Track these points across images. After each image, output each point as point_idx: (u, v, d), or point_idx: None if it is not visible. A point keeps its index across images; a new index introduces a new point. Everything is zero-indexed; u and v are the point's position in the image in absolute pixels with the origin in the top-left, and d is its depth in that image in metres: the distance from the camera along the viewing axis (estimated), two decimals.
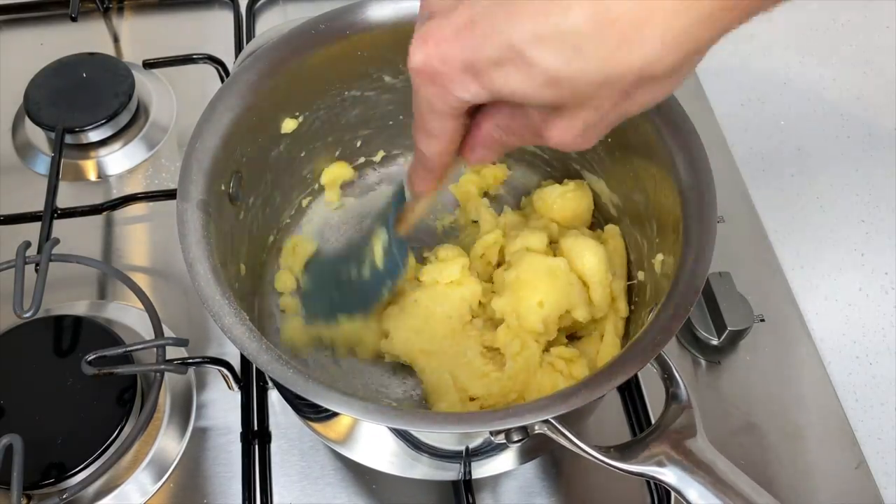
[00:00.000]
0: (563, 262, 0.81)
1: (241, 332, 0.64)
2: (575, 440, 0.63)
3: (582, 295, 0.81)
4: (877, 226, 1.07)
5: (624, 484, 0.87)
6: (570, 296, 0.80)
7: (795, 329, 0.98)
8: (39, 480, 0.81)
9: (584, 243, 0.82)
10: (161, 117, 1.17)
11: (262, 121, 0.82)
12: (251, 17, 1.28)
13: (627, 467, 0.63)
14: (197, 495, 0.85)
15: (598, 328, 0.84)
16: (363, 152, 0.98)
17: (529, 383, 0.79)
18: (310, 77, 0.84)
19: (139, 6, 1.32)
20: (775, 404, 0.92)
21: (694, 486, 0.62)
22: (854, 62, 1.25)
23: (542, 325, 0.79)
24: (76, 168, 1.12)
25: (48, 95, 1.12)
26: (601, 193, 0.90)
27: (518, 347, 0.79)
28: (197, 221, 0.70)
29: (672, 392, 0.68)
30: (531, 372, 0.79)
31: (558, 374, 0.79)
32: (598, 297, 0.81)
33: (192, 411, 0.91)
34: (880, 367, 0.96)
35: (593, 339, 0.84)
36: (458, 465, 0.77)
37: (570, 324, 0.83)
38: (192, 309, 0.98)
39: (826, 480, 0.88)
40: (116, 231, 1.06)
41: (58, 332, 0.90)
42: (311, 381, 0.62)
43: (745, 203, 1.08)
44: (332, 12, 0.82)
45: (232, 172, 0.79)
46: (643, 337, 0.65)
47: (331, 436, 0.80)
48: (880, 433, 0.91)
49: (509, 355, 0.79)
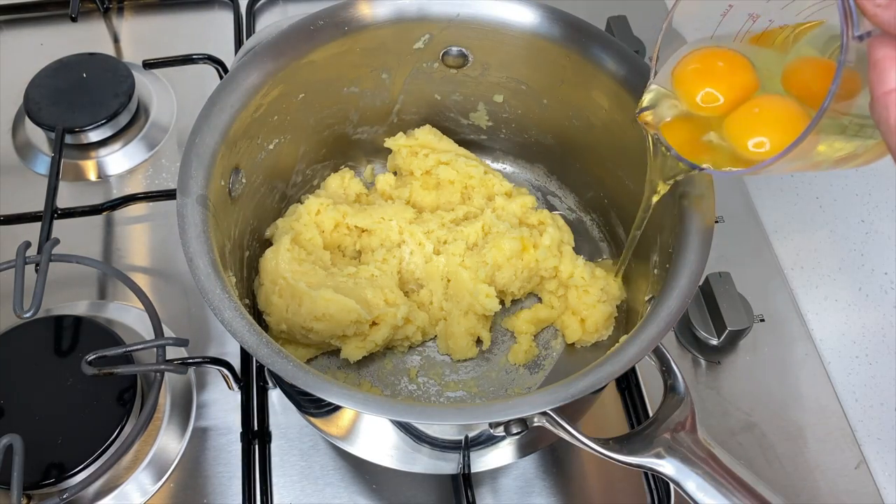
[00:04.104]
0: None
1: (241, 326, 0.64)
2: (574, 432, 0.63)
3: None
4: (877, 226, 1.07)
5: (623, 481, 0.87)
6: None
7: (795, 329, 0.98)
8: (39, 480, 0.80)
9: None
10: (161, 117, 1.17)
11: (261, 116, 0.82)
12: (251, 17, 1.28)
13: (626, 459, 0.64)
14: (197, 495, 0.85)
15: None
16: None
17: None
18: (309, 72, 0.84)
19: (139, 6, 1.32)
20: (775, 404, 0.92)
21: (692, 478, 0.62)
22: None
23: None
24: (76, 168, 1.12)
25: (48, 95, 1.12)
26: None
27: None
28: (197, 216, 0.70)
29: (670, 385, 0.69)
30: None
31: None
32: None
33: (192, 411, 0.90)
34: (880, 367, 0.96)
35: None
36: (458, 457, 0.77)
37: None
38: (192, 309, 0.98)
39: (826, 480, 0.88)
40: (116, 231, 1.06)
41: (58, 332, 0.90)
42: (311, 375, 0.62)
43: (745, 203, 1.08)
44: (330, 8, 0.83)
45: (231, 167, 0.79)
46: (641, 329, 0.65)
47: (331, 431, 0.80)
48: (880, 433, 0.91)
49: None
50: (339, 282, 0.85)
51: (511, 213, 0.93)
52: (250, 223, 0.87)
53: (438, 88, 0.94)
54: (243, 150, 0.81)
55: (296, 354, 0.85)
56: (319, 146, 0.95)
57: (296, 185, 0.95)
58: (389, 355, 0.90)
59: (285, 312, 0.83)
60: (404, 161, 0.97)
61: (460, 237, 0.90)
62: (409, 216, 0.91)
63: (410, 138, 0.96)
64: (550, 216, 0.94)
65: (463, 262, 0.89)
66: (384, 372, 0.89)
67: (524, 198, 0.95)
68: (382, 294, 0.85)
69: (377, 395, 0.78)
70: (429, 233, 0.90)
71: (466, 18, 0.85)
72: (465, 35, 0.87)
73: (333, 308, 0.81)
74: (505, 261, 0.88)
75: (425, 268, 0.89)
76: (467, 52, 0.89)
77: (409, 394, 0.88)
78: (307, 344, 0.87)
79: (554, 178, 1.01)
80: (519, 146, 1.01)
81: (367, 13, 0.84)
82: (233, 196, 0.80)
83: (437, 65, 0.91)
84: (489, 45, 0.87)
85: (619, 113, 0.83)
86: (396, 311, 0.85)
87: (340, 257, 0.92)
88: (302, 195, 0.97)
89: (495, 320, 0.92)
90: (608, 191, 0.93)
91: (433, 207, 0.96)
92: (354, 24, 0.83)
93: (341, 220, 0.91)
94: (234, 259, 0.81)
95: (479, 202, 0.95)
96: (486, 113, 0.97)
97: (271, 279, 0.84)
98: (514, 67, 0.90)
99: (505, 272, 0.88)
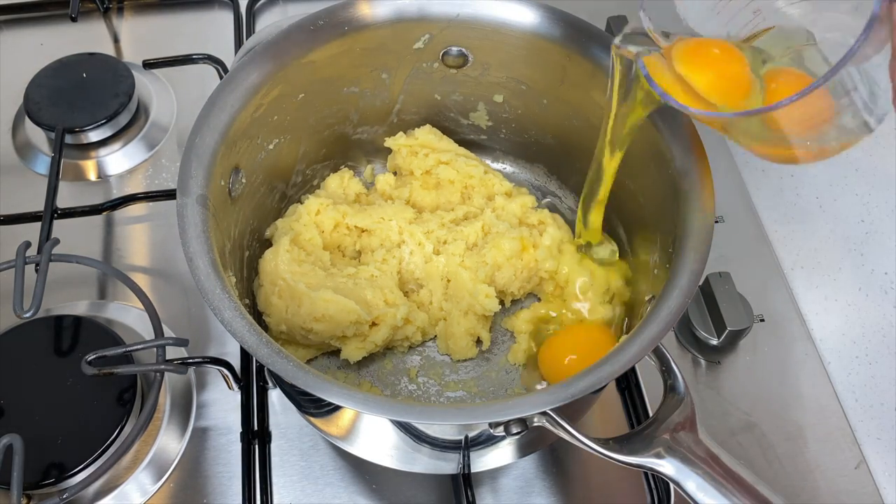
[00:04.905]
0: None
1: (241, 326, 0.64)
2: (573, 432, 0.63)
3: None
4: (877, 226, 1.06)
5: (623, 480, 0.87)
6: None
7: (795, 329, 0.98)
8: (39, 480, 0.80)
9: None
10: (161, 117, 1.17)
11: (261, 116, 0.82)
12: (251, 17, 1.28)
13: (626, 459, 0.64)
14: (197, 495, 0.85)
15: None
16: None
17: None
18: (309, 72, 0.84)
19: (139, 6, 1.32)
20: (775, 404, 0.92)
21: (692, 478, 0.62)
22: None
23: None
24: (76, 168, 1.12)
25: (48, 95, 1.12)
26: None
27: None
28: (196, 216, 0.70)
29: (670, 385, 0.69)
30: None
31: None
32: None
33: (192, 411, 0.90)
34: (880, 367, 0.96)
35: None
36: (458, 457, 0.77)
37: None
38: (192, 309, 0.98)
39: (826, 480, 0.88)
40: (116, 231, 1.06)
41: (58, 332, 0.90)
42: (311, 375, 0.62)
43: (745, 203, 1.08)
44: (330, 8, 0.83)
45: (231, 167, 0.79)
46: (641, 329, 0.65)
47: (331, 431, 0.80)
48: (880, 433, 0.91)
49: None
50: (338, 282, 0.85)
51: (511, 213, 0.93)
52: (250, 223, 0.87)
53: (438, 88, 0.94)
54: (243, 150, 0.81)
55: (296, 355, 0.85)
56: (319, 146, 0.95)
57: (296, 185, 0.95)
58: (389, 355, 0.90)
59: (285, 313, 0.83)
60: (404, 161, 0.97)
61: (460, 237, 0.90)
62: (408, 216, 0.91)
63: (410, 138, 0.96)
64: (550, 216, 0.94)
65: (463, 262, 0.89)
66: (384, 372, 0.89)
67: (524, 198, 0.95)
68: (382, 294, 0.85)
69: (377, 395, 0.78)
70: (429, 233, 0.90)
71: (466, 18, 0.85)
72: (465, 35, 0.87)
73: (333, 309, 0.81)
74: (505, 261, 0.88)
75: (425, 268, 0.89)
76: (467, 52, 0.89)
77: (409, 394, 0.88)
78: (307, 345, 0.87)
79: (554, 178, 1.01)
80: (519, 146, 1.01)
81: (367, 13, 0.84)
82: (233, 196, 0.80)
83: (437, 65, 0.91)
84: (489, 45, 0.88)
85: None
86: (396, 311, 0.85)
87: (340, 257, 0.92)
88: (302, 195, 0.97)
89: (495, 320, 0.92)
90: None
91: (433, 207, 0.96)
92: (354, 24, 0.84)
93: (341, 220, 0.91)
94: (234, 259, 0.81)
95: (478, 202, 0.95)
96: (486, 113, 0.97)
97: (270, 280, 0.84)
98: (514, 67, 0.90)
99: (505, 272, 0.88)
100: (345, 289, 0.84)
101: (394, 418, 0.66)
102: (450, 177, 0.95)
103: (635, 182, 0.85)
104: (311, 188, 0.97)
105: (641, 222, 0.85)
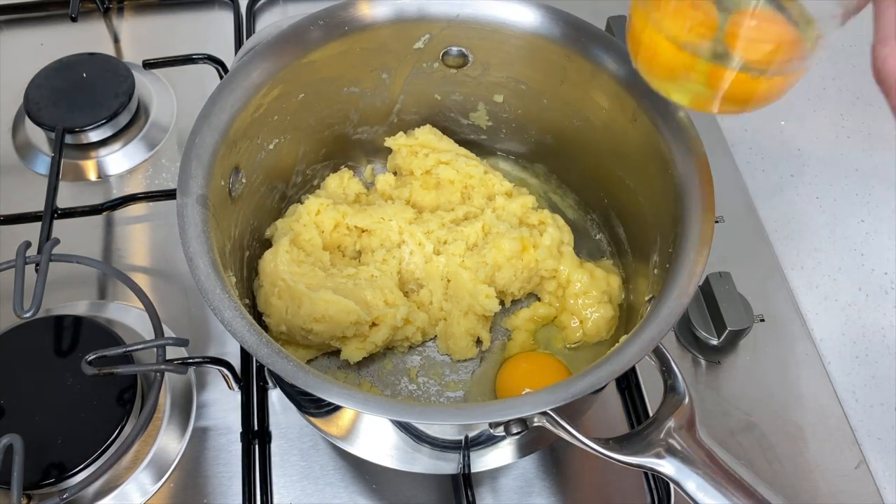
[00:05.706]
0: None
1: (241, 326, 0.64)
2: (573, 432, 0.63)
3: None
4: (877, 226, 1.07)
5: (623, 481, 0.87)
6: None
7: (795, 329, 0.98)
8: (39, 480, 0.80)
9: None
10: (161, 117, 1.17)
11: (261, 116, 0.82)
12: (251, 17, 1.28)
13: (626, 459, 0.64)
14: (197, 495, 0.85)
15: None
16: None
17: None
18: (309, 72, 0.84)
19: (139, 6, 1.32)
20: (775, 404, 0.92)
21: (692, 478, 0.62)
22: (854, 62, 1.25)
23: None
24: (76, 168, 1.12)
25: (48, 95, 1.12)
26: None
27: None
28: (197, 216, 0.70)
29: (670, 385, 0.69)
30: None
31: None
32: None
33: (192, 411, 0.90)
34: (880, 367, 0.96)
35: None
36: (458, 457, 0.77)
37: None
38: (193, 309, 0.98)
39: (826, 480, 0.88)
40: (116, 231, 1.06)
41: (58, 332, 0.90)
42: (311, 375, 0.62)
43: (745, 203, 1.08)
44: (330, 8, 0.83)
45: (231, 167, 0.79)
46: (641, 329, 0.65)
47: (332, 431, 0.80)
48: (880, 433, 0.91)
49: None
50: (338, 283, 0.85)
51: (511, 213, 0.93)
52: (250, 223, 0.87)
53: (438, 88, 0.94)
54: (243, 150, 0.81)
55: (296, 355, 0.84)
56: (319, 146, 0.95)
57: (296, 185, 0.95)
58: (389, 355, 0.90)
59: (285, 314, 0.83)
60: (404, 161, 0.97)
61: (460, 237, 0.90)
62: (408, 216, 0.91)
63: (410, 138, 0.96)
64: (550, 216, 0.94)
65: (463, 263, 0.89)
66: (384, 372, 0.89)
67: (524, 198, 0.95)
68: (382, 295, 0.85)
69: (377, 395, 0.78)
70: (429, 233, 0.90)
71: (466, 18, 0.85)
72: (465, 35, 0.87)
73: (333, 309, 0.81)
74: (505, 261, 0.88)
75: (425, 268, 0.89)
76: (467, 52, 0.89)
77: (409, 394, 0.88)
78: (307, 345, 0.87)
79: (554, 178, 1.01)
80: (519, 146, 1.01)
81: (367, 13, 0.84)
82: (233, 196, 0.80)
83: (437, 65, 0.91)
84: (489, 45, 0.87)
85: (619, 113, 0.83)
86: (396, 311, 0.85)
87: (340, 257, 0.92)
88: (302, 195, 0.97)
89: (495, 320, 0.92)
90: (608, 191, 0.93)
91: (433, 207, 0.96)
92: (354, 24, 0.84)
93: (341, 220, 0.91)
94: (234, 259, 0.81)
95: (479, 202, 0.95)
96: (486, 113, 0.97)
97: (270, 281, 0.84)
98: (514, 67, 0.90)
99: (505, 272, 0.88)
100: (345, 289, 0.84)
101: (394, 418, 0.66)
102: (450, 177, 0.95)
103: (635, 182, 0.85)
104: (311, 188, 0.97)
105: (641, 222, 0.85)
